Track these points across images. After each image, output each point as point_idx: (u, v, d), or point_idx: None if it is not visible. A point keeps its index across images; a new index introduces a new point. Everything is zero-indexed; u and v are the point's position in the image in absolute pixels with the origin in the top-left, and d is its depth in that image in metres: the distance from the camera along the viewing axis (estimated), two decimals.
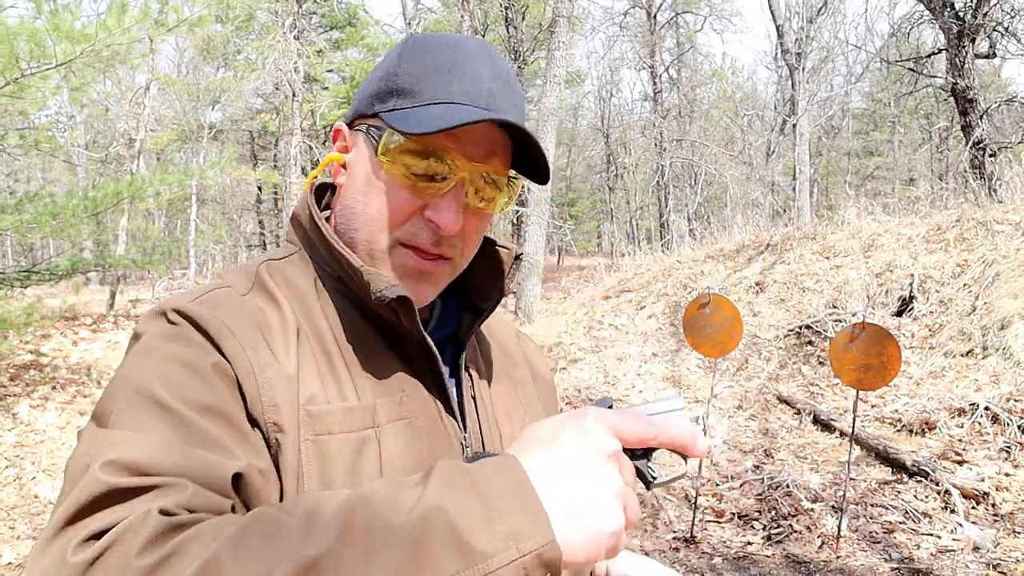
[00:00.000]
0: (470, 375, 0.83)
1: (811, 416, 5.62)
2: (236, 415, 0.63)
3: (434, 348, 0.75)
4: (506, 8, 18.12)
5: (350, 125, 0.81)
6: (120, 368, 0.65)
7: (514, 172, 0.79)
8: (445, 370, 0.77)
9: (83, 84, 5.22)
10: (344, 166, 0.80)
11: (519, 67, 18.54)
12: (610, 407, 0.60)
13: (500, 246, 0.86)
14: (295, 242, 0.81)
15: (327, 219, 0.84)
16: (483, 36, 18.63)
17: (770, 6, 19.13)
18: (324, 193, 0.87)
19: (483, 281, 0.86)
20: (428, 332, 0.78)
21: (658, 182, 20.66)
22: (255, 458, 0.62)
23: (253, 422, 0.64)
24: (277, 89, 16.85)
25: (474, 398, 0.82)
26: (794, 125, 17.92)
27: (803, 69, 18.01)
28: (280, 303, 0.73)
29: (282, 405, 0.65)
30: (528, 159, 0.78)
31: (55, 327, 7.85)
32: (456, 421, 0.77)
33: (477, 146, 0.73)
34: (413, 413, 0.73)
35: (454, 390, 0.79)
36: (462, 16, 12.11)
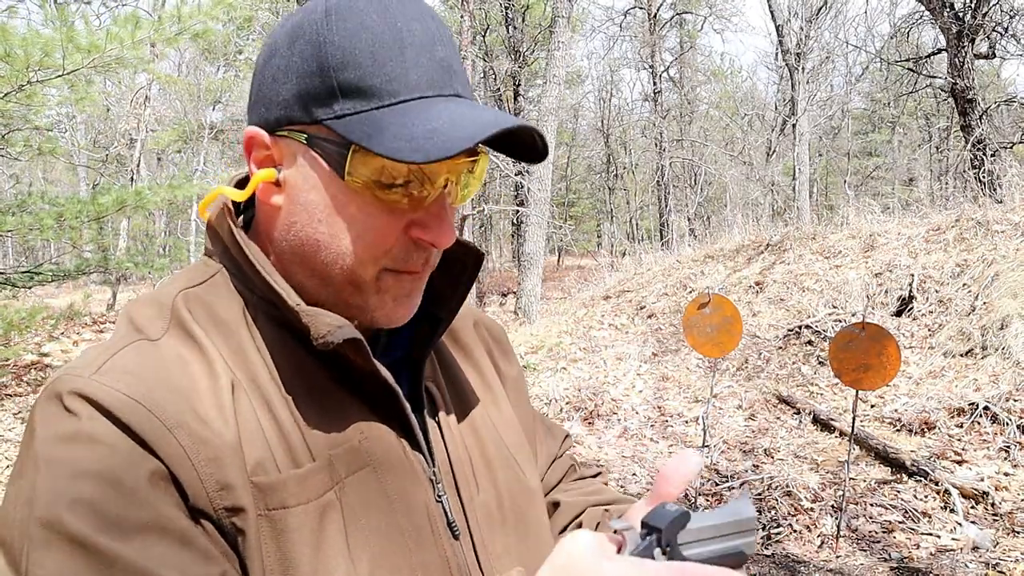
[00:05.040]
0: (431, 396, 0.72)
1: (811, 416, 5.64)
2: (175, 523, 0.52)
3: (392, 382, 0.63)
4: (506, 8, 18.13)
5: (271, 131, 0.63)
6: (19, 475, 0.52)
7: (486, 151, 0.66)
8: (405, 399, 0.66)
9: (89, 94, 5.22)
10: (277, 183, 0.63)
11: (519, 67, 18.55)
12: (684, 526, 0.52)
13: (459, 245, 0.73)
14: (215, 258, 0.67)
15: (247, 228, 0.70)
16: (483, 36, 18.65)
17: (770, 6, 19.15)
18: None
19: (440, 286, 0.73)
20: (379, 354, 0.68)
21: (658, 182, 20.68)
22: (208, 567, 0.52)
23: (201, 515, 0.54)
24: None
25: (438, 423, 0.71)
26: (794, 125, 17.94)
27: (803, 69, 18.03)
28: (205, 348, 0.60)
29: (233, 483, 0.55)
30: (522, 142, 0.65)
31: (57, 328, 7.87)
32: (422, 454, 0.67)
33: None
34: (375, 457, 0.63)
35: (415, 417, 0.68)
36: (462, 16, 12.13)
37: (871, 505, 4.14)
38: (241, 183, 0.68)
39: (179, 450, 0.53)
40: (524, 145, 0.64)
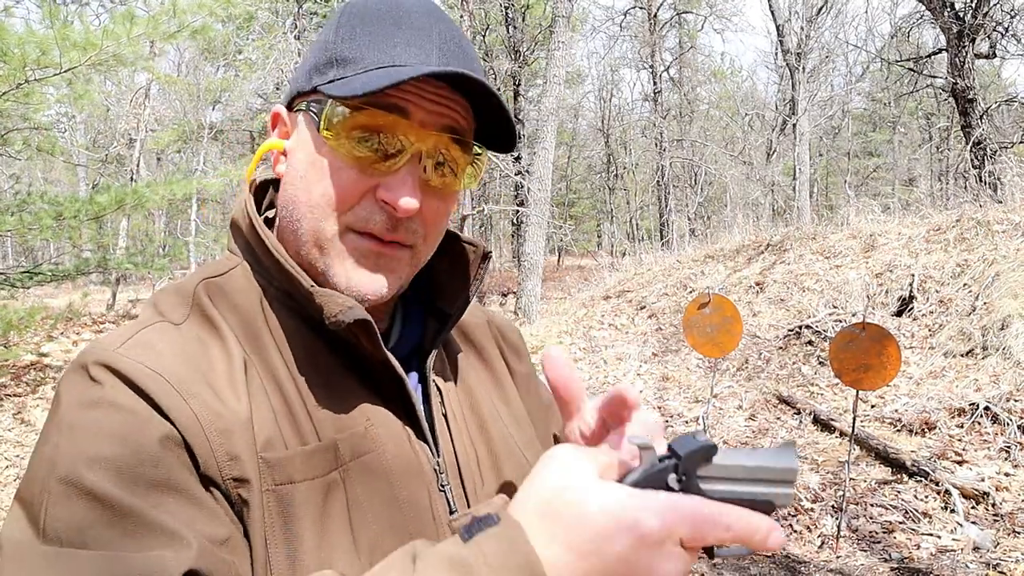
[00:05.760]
0: (439, 389, 0.74)
1: (811, 416, 5.63)
2: (186, 483, 0.54)
3: (400, 370, 0.66)
4: (506, 8, 18.12)
5: (289, 107, 0.71)
6: (44, 441, 0.56)
7: (479, 146, 0.69)
8: (413, 389, 0.68)
9: (87, 92, 5.21)
10: (285, 154, 0.70)
11: (519, 67, 18.54)
12: (709, 459, 0.47)
13: (466, 242, 0.77)
14: (236, 252, 0.71)
15: (273, 219, 0.75)
16: (483, 36, 18.63)
17: (770, 6, 19.15)
18: (267, 190, 0.77)
19: (448, 282, 0.76)
20: (390, 348, 0.70)
21: (658, 182, 20.67)
22: (216, 527, 0.54)
23: (210, 483, 0.56)
24: (278, 89, 16.86)
25: (445, 415, 0.73)
26: (794, 125, 17.93)
27: (803, 69, 18.02)
28: (222, 332, 0.64)
29: (242, 455, 0.57)
30: (492, 125, 0.68)
31: (56, 328, 7.86)
32: (428, 445, 0.69)
33: (433, 113, 0.64)
34: (380, 444, 0.65)
35: (423, 408, 0.70)
36: (462, 16, 12.12)
37: (871, 505, 4.14)
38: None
39: (193, 419, 0.56)
40: (498, 127, 0.68)
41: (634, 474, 0.47)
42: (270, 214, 0.75)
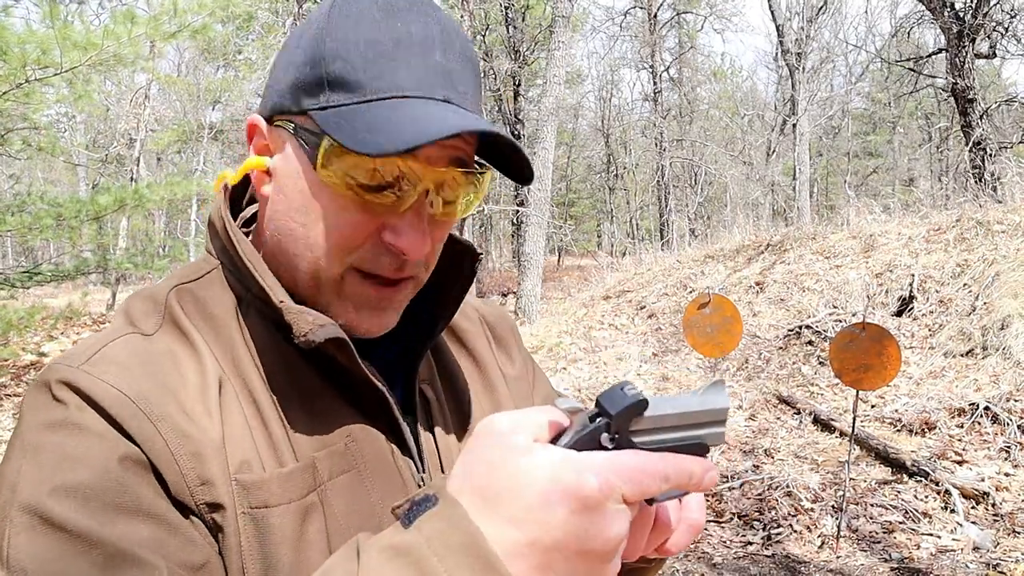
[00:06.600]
0: (426, 399, 0.71)
1: (811, 416, 5.63)
2: (157, 508, 0.52)
3: (381, 386, 0.62)
4: (506, 8, 18.11)
5: (269, 120, 0.64)
6: (6, 462, 0.53)
7: (480, 161, 0.66)
8: (396, 403, 0.65)
9: (87, 92, 5.20)
10: (268, 172, 0.64)
11: (519, 67, 18.53)
12: (640, 414, 0.46)
13: (457, 242, 0.72)
14: (213, 254, 0.67)
15: (251, 220, 0.71)
16: (483, 36, 18.62)
17: (770, 6, 19.15)
18: (247, 187, 0.72)
19: (438, 285, 0.72)
20: (375, 355, 0.67)
21: (658, 182, 20.67)
22: (190, 553, 0.52)
23: (183, 508, 0.54)
24: None
25: (432, 427, 0.69)
26: (794, 125, 17.94)
27: (803, 69, 18.03)
28: (196, 344, 0.60)
29: (214, 479, 0.55)
30: (500, 149, 0.64)
31: (56, 328, 7.87)
32: (412, 459, 0.66)
33: (440, 147, 0.59)
34: (360, 461, 0.62)
35: (409, 419, 0.67)
36: (462, 16, 12.12)
37: (871, 505, 4.14)
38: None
39: (161, 444, 0.53)
40: (509, 160, 0.64)
41: (566, 437, 0.46)
42: (253, 209, 0.71)
